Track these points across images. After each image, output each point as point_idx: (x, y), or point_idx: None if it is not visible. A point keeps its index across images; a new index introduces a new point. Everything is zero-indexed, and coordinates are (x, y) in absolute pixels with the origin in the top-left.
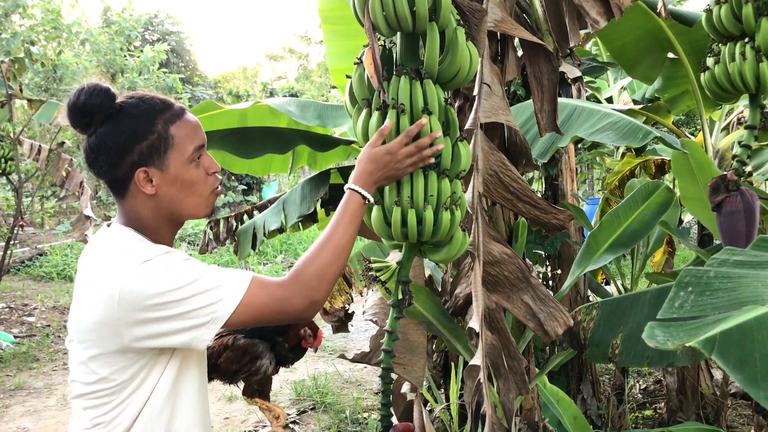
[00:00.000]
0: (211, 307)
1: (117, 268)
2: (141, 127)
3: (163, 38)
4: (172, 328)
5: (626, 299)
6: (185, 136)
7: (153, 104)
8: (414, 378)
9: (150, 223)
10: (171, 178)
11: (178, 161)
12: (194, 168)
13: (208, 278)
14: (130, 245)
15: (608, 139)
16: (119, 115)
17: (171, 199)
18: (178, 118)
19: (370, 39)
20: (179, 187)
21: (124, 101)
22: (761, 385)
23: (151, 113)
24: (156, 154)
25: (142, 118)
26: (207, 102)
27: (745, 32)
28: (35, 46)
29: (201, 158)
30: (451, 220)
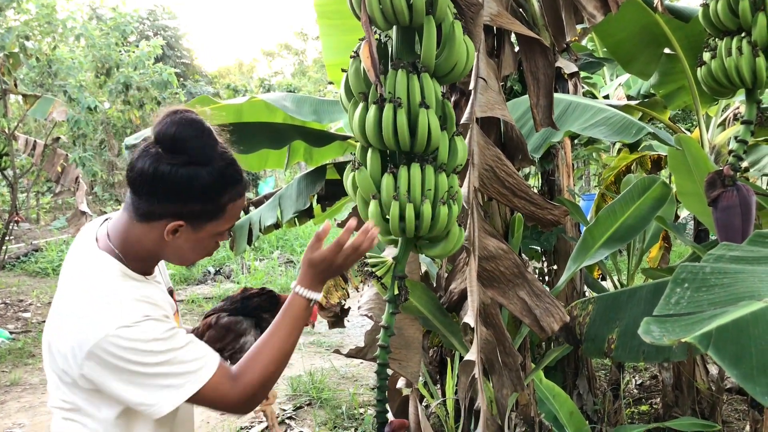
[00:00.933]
0: (168, 390)
1: (92, 323)
2: (211, 192)
3: (160, 33)
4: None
5: (622, 294)
6: (231, 217)
7: (232, 173)
8: (409, 373)
9: (144, 255)
10: (194, 239)
11: (211, 231)
12: (215, 238)
13: (177, 363)
14: (110, 293)
15: (602, 134)
16: (204, 168)
17: (176, 249)
18: (239, 197)
19: (366, 32)
20: (190, 247)
21: (218, 154)
22: (757, 380)
23: (227, 182)
24: (201, 219)
25: (217, 185)
26: (202, 97)
27: (742, 27)
28: (30, 41)
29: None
30: (449, 214)
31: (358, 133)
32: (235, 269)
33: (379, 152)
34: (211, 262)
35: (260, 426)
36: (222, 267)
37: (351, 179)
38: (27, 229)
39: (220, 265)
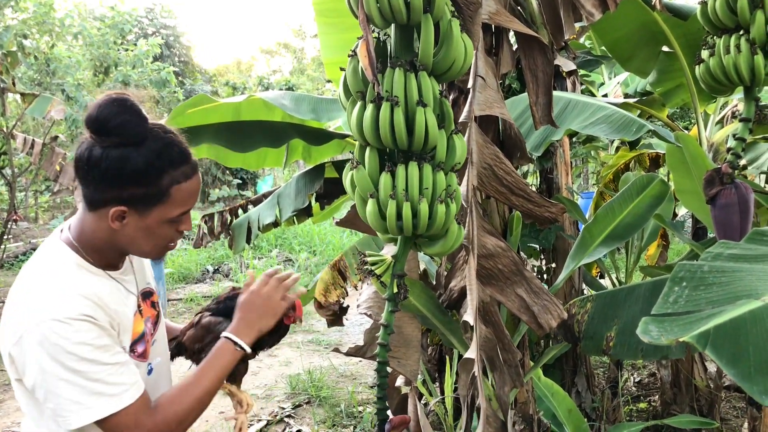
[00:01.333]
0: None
1: (28, 310)
2: (148, 174)
3: (158, 32)
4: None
5: (621, 292)
6: (180, 200)
7: (170, 153)
8: (409, 371)
9: (100, 245)
10: (143, 226)
11: (160, 218)
12: (168, 226)
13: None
14: (54, 283)
15: (602, 132)
16: (136, 149)
17: (130, 240)
18: (184, 180)
19: (364, 31)
20: (144, 236)
21: (149, 135)
22: (755, 379)
23: (164, 163)
24: (144, 203)
25: (154, 165)
26: (200, 95)
27: (740, 25)
28: (28, 40)
29: (182, 218)
30: (447, 213)
31: (356, 132)
32: (234, 268)
33: (378, 151)
34: (210, 260)
35: (259, 425)
36: (221, 265)
37: (350, 178)
38: (25, 228)
39: (218, 264)
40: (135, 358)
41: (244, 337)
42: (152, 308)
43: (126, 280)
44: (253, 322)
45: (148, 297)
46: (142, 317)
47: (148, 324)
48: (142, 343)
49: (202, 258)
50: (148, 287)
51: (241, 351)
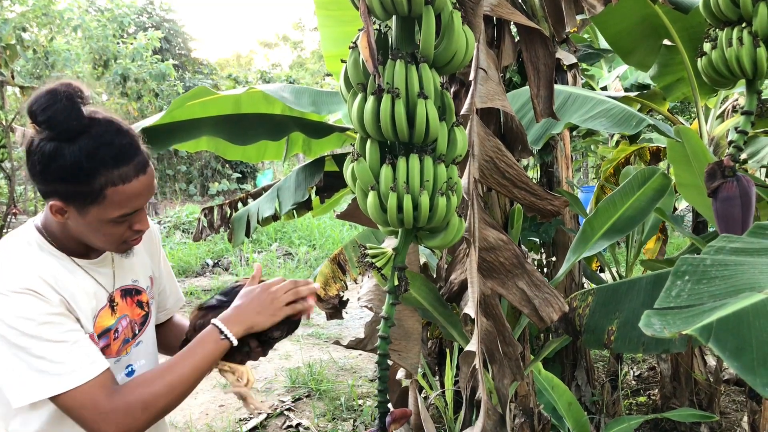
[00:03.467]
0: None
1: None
2: (77, 173)
3: (159, 26)
4: None
5: (622, 285)
6: (117, 203)
7: (106, 154)
8: (409, 364)
9: (58, 234)
10: (84, 223)
11: (98, 218)
12: (113, 226)
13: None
14: (9, 257)
15: (602, 126)
16: (71, 144)
17: (77, 232)
18: (122, 182)
19: (365, 22)
20: (89, 232)
21: (87, 129)
22: (758, 371)
23: (97, 163)
24: (79, 201)
25: (87, 163)
26: (200, 88)
27: (743, 17)
28: (27, 33)
29: (130, 219)
30: (447, 205)
31: (357, 124)
32: (234, 261)
33: (378, 143)
34: (210, 254)
35: (258, 418)
36: (220, 259)
37: (350, 170)
38: (24, 221)
39: (218, 257)
40: None
41: (233, 326)
42: (138, 308)
43: (98, 271)
44: (248, 315)
45: (133, 295)
46: (114, 313)
47: (123, 322)
48: (105, 338)
49: (201, 251)
50: (133, 285)
51: (226, 341)
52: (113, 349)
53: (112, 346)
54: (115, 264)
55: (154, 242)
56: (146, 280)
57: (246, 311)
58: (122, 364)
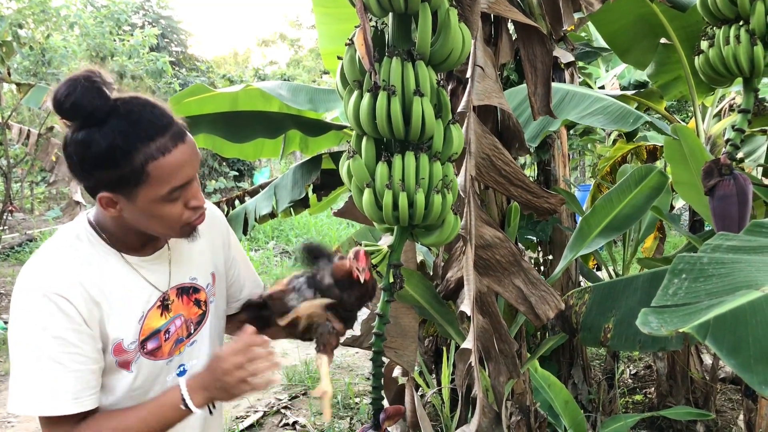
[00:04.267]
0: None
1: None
2: (116, 154)
3: (155, 22)
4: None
5: (618, 283)
6: (164, 177)
7: (139, 130)
8: (405, 362)
9: (113, 228)
10: (138, 210)
11: (149, 198)
12: (168, 205)
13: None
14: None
15: (599, 123)
16: (101, 127)
17: (137, 223)
18: (162, 155)
19: (361, 19)
20: (146, 218)
21: (115, 110)
22: (755, 369)
23: (132, 140)
24: (125, 186)
25: (121, 143)
26: (197, 85)
27: (740, 15)
28: (23, 30)
29: (182, 194)
30: (443, 203)
31: (353, 121)
32: None
33: (374, 140)
34: None
35: (255, 416)
36: None
37: (346, 167)
38: (21, 219)
39: None
40: (144, 355)
41: (196, 395)
42: (195, 306)
43: (151, 269)
44: (212, 388)
45: (190, 293)
46: (166, 313)
47: (177, 322)
48: (155, 339)
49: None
50: (192, 282)
51: (185, 411)
52: (165, 351)
53: (164, 348)
54: (172, 261)
55: (220, 231)
56: (206, 277)
57: (212, 382)
58: (174, 364)
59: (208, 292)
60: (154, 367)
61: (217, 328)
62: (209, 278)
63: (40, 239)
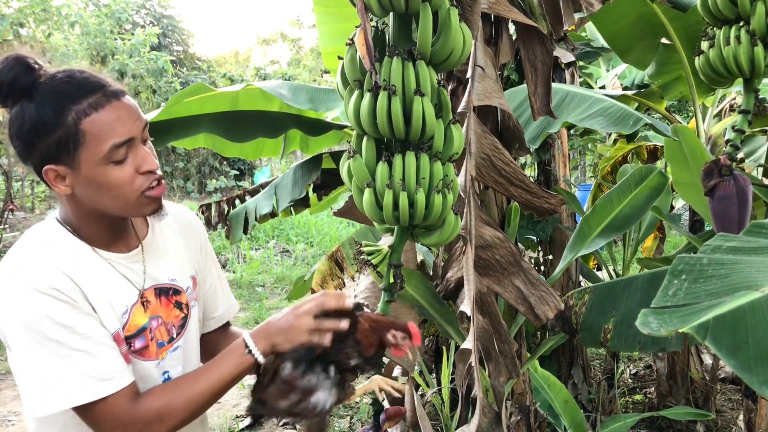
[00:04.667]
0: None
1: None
2: (47, 118)
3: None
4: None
5: (618, 284)
6: (100, 133)
7: (65, 90)
8: (406, 362)
9: (76, 217)
10: (84, 179)
11: (92, 161)
12: (113, 168)
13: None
14: (31, 255)
15: (599, 125)
16: (29, 99)
17: (91, 199)
18: (95, 110)
19: (362, 19)
20: (96, 189)
21: (41, 81)
22: (754, 369)
23: (61, 101)
24: (65, 152)
25: (50, 107)
26: (198, 84)
27: (740, 16)
28: (24, 29)
29: (128, 155)
30: (443, 203)
31: (354, 121)
32: (231, 258)
33: (375, 140)
34: None
35: None
36: (218, 256)
37: (347, 167)
38: (22, 218)
39: (216, 254)
40: (132, 354)
41: (260, 342)
42: (176, 309)
43: (127, 267)
44: (272, 333)
45: (170, 295)
46: (145, 311)
47: (154, 323)
48: (142, 338)
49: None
50: (171, 284)
51: (250, 357)
52: (152, 351)
53: (151, 348)
54: (147, 260)
55: (196, 237)
56: (187, 279)
57: (271, 329)
58: (159, 369)
59: (189, 296)
60: (145, 370)
61: (198, 335)
62: (189, 281)
63: None
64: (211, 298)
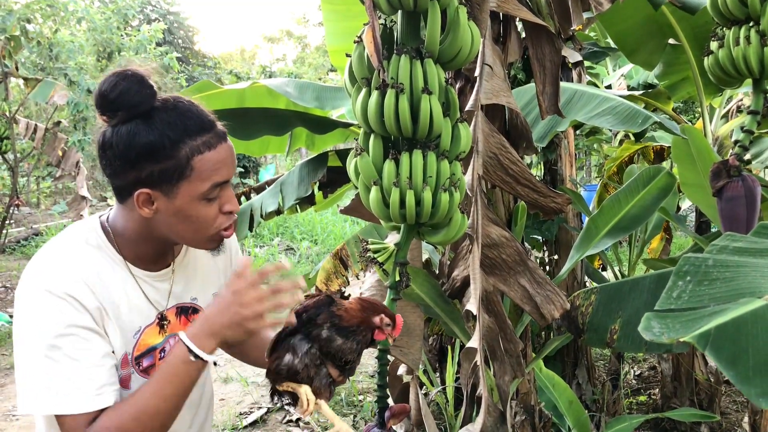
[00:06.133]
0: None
1: (24, 277)
2: (162, 146)
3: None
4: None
5: (625, 284)
6: (207, 172)
7: (186, 123)
8: (411, 360)
9: (132, 236)
10: (174, 209)
11: (189, 195)
12: (204, 204)
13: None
14: (61, 256)
15: (608, 123)
16: (146, 121)
17: (168, 227)
18: (207, 149)
19: (370, 17)
20: (180, 220)
21: (160, 105)
22: (753, 381)
23: (179, 134)
24: (166, 181)
25: (166, 137)
26: (204, 81)
27: (750, 16)
28: (31, 24)
29: (220, 194)
30: (450, 201)
31: (361, 119)
32: None
33: (382, 138)
34: None
35: (259, 412)
36: None
37: (353, 165)
38: (27, 213)
39: None
40: (140, 373)
41: (205, 342)
42: None
43: (154, 285)
44: (218, 328)
45: (189, 314)
46: (163, 331)
47: (172, 341)
48: (150, 357)
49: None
50: (192, 303)
51: (199, 362)
52: None
53: (158, 366)
54: (175, 281)
55: (227, 252)
56: (208, 298)
57: (215, 326)
58: None
59: None
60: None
61: None
62: (211, 299)
63: (46, 233)
64: None
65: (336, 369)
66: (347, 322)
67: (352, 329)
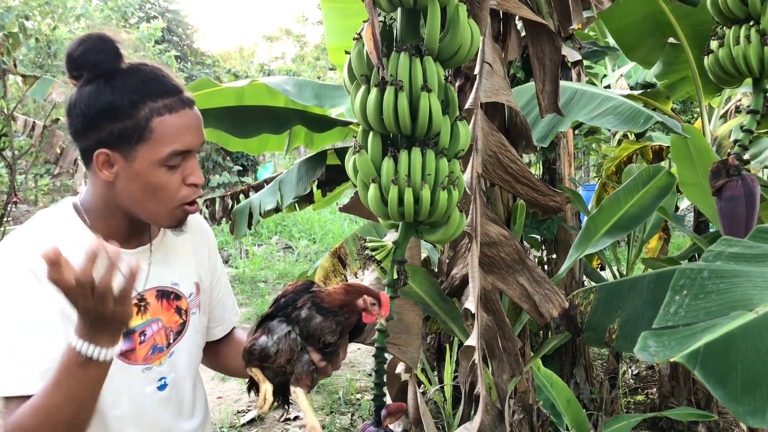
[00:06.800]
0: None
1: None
2: (121, 105)
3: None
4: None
5: (624, 284)
6: (166, 135)
7: (148, 85)
8: (409, 359)
9: (100, 207)
10: (133, 173)
11: (148, 159)
12: (164, 172)
13: None
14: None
15: (609, 123)
16: (108, 81)
17: (129, 195)
18: (168, 112)
19: (369, 14)
20: (140, 187)
21: (124, 67)
22: (741, 399)
23: (140, 94)
24: (125, 142)
25: (127, 96)
26: (203, 79)
27: (751, 15)
28: (30, 21)
29: (181, 164)
30: (449, 199)
31: (360, 116)
32: (234, 254)
33: (381, 136)
34: None
35: (257, 410)
36: (220, 251)
37: (352, 162)
38: (25, 211)
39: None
40: (117, 357)
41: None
42: (176, 314)
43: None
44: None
45: (171, 299)
46: (143, 314)
47: (155, 326)
48: (129, 340)
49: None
50: (173, 288)
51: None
52: (139, 355)
53: (138, 351)
54: (153, 262)
55: (205, 243)
56: (190, 286)
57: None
58: (153, 375)
59: (190, 302)
60: (126, 373)
61: (196, 343)
62: (193, 288)
63: None
64: (219, 305)
65: (318, 353)
66: (328, 304)
67: (332, 310)
